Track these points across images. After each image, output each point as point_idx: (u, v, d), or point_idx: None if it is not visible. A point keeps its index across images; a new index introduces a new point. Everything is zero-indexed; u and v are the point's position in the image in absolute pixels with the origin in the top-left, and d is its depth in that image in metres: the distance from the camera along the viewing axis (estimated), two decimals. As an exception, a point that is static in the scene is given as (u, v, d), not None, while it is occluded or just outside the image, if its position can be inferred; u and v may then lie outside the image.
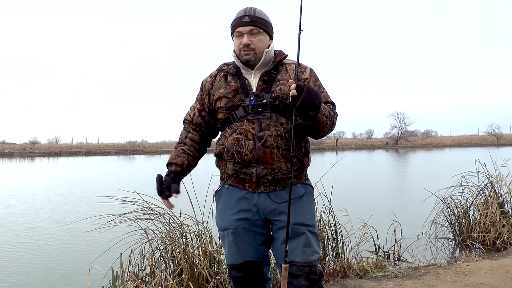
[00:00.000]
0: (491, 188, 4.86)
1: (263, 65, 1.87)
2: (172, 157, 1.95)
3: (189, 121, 2.00)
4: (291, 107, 1.69)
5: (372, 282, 3.27)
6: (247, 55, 1.84)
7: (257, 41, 1.84)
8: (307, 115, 1.68)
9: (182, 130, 2.03)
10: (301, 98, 1.62)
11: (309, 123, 1.73)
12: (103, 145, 70.28)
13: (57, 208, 9.06)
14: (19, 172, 23.15)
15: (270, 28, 1.90)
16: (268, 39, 1.89)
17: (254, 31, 1.83)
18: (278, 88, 1.83)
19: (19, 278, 4.39)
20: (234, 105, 1.84)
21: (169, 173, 1.92)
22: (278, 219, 1.83)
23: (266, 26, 1.87)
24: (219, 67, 1.97)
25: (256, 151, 1.77)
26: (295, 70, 1.83)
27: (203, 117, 1.97)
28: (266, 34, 1.87)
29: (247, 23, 1.83)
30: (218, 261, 3.09)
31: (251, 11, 1.85)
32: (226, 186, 1.91)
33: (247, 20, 1.83)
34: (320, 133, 1.81)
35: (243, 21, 1.83)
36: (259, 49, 1.84)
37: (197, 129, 1.98)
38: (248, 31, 1.83)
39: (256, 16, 1.85)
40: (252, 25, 1.83)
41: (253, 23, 1.83)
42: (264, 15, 1.89)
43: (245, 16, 1.83)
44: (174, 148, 2.01)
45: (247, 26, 1.83)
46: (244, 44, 1.82)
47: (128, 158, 39.37)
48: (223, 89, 1.88)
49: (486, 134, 68.30)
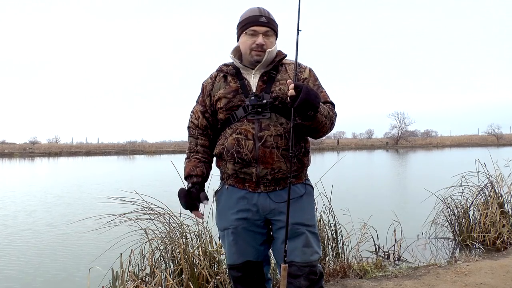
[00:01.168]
0: (491, 188, 4.86)
1: (264, 65, 1.87)
2: (190, 169, 1.93)
3: (195, 125, 1.98)
4: (289, 107, 1.69)
5: (372, 282, 3.27)
6: (258, 56, 1.84)
7: (269, 43, 1.85)
8: (306, 115, 1.67)
9: (189, 137, 2.01)
10: (299, 98, 1.62)
11: (308, 123, 1.72)
12: (103, 145, 70.26)
13: (57, 208, 9.06)
14: (19, 172, 23.14)
15: (278, 30, 1.91)
16: (275, 39, 1.91)
17: (269, 33, 1.85)
18: (278, 88, 1.83)
19: (19, 278, 4.39)
20: (234, 106, 1.84)
21: (192, 185, 1.91)
22: (278, 219, 1.83)
23: (277, 29, 1.90)
24: (218, 68, 1.96)
25: (256, 151, 1.77)
26: (294, 70, 1.82)
27: (207, 119, 1.96)
28: (275, 37, 1.89)
29: (263, 24, 1.83)
30: (218, 261, 3.09)
31: (265, 12, 1.86)
32: (226, 186, 1.91)
33: (264, 21, 1.83)
34: (319, 133, 1.81)
35: (260, 20, 1.83)
36: (269, 49, 1.85)
37: (204, 132, 1.97)
38: (263, 32, 1.83)
39: (270, 17, 1.86)
40: (268, 26, 1.84)
41: (269, 25, 1.84)
42: (274, 18, 1.90)
43: (262, 16, 1.84)
44: (186, 158, 1.99)
45: (264, 26, 1.83)
46: (259, 44, 1.82)
47: (128, 158, 39.37)
48: (223, 89, 1.88)
49: (486, 134, 68.32)
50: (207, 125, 1.96)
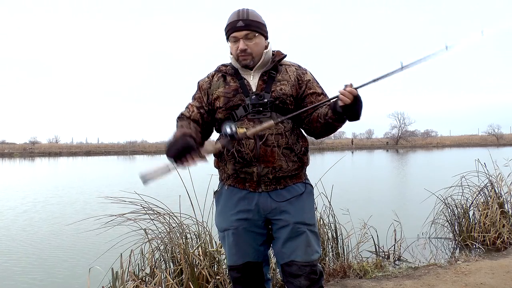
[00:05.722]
0: (491, 188, 4.86)
1: (262, 66, 1.86)
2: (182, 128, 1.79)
3: (187, 116, 1.90)
4: (341, 111, 1.69)
5: (372, 282, 3.27)
6: (245, 60, 1.82)
7: (253, 45, 1.81)
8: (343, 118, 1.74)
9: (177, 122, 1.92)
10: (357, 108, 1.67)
11: (339, 124, 1.79)
12: (103, 145, 70.26)
13: (57, 208, 9.06)
14: (19, 173, 23.14)
15: (264, 29, 1.86)
16: (264, 41, 1.87)
17: (249, 36, 1.81)
18: (279, 88, 1.83)
19: (18, 279, 4.39)
20: (234, 105, 1.83)
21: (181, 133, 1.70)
22: (279, 218, 1.83)
23: (260, 28, 1.83)
24: (217, 68, 1.95)
25: (257, 150, 1.76)
26: (296, 72, 1.84)
27: (201, 114, 1.91)
28: (261, 36, 1.84)
29: (241, 28, 1.79)
30: (218, 261, 3.09)
31: (244, 14, 1.81)
32: (226, 187, 1.90)
33: (242, 25, 1.79)
34: (331, 133, 1.87)
35: (237, 26, 1.79)
36: (257, 52, 1.83)
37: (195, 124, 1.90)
38: (243, 36, 1.80)
39: (249, 19, 1.80)
40: (246, 29, 1.80)
41: (248, 27, 1.79)
42: (257, 16, 1.84)
43: (239, 20, 1.79)
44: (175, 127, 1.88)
45: (242, 31, 1.80)
46: (241, 50, 1.81)
47: (128, 158, 39.36)
48: (222, 88, 1.87)
49: (486, 134, 68.34)
50: (199, 121, 1.89)
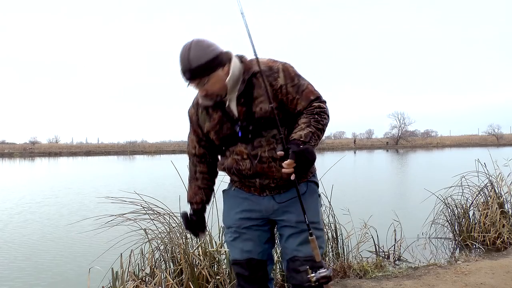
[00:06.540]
0: (491, 188, 4.86)
1: (233, 91, 1.77)
2: (190, 196, 2.01)
3: (193, 154, 1.99)
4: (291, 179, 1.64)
5: (372, 282, 3.27)
6: (211, 100, 1.77)
7: (210, 85, 1.72)
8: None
9: (189, 163, 2.05)
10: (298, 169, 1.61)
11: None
12: (103, 145, 70.35)
13: (57, 208, 9.06)
14: (19, 173, 23.14)
15: (215, 62, 1.68)
16: (221, 71, 1.70)
17: (202, 81, 1.69)
18: (258, 108, 1.75)
19: (19, 279, 4.39)
20: (225, 136, 1.82)
21: (193, 212, 2.02)
22: (282, 218, 1.85)
23: (210, 68, 1.67)
24: (194, 101, 1.91)
25: (254, 168, 1.78)
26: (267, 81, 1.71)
27: (204, 147, 1.95)
28: (216, 71, 1.69)
29: (190, 79, 1.70)
30: (218, 261, 3.09)
31: (186, 63, 1.66)
32: (233, 188, 1.94)
33: (188, 77, 1.70)
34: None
35: (185, 77, 1.71)
36: (218, 88, 1.74)
37: (203, 159, 1.98)
38: (196, 85, 1.73)
39: (193, 67, 1.65)
40: (195, 78, 1.69)
41: (195, 76, 1.68)
42: (201, 56, 1.65)
43: (185, 71, 1.67)
44: (188, 183, 2.04)
45: (193, 81, 1.71)
46: (201, 97, 1.79)
47: (128, 158, 39.36)
48: (208, 122, 1.85)
49: (486, 134, 68.44)
50: (205, 152, 1.97)
